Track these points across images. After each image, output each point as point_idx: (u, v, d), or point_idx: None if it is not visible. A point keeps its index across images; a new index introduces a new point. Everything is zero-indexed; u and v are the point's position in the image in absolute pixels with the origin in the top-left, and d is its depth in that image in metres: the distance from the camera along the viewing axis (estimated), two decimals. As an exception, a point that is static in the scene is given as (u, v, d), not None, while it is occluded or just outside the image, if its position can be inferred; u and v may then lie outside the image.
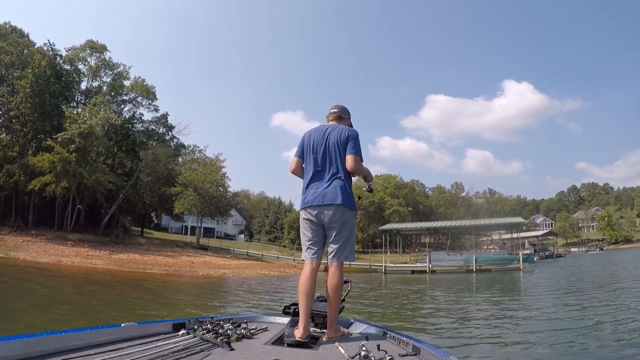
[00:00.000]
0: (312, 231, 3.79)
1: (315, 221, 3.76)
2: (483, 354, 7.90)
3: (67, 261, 30.10)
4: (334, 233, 3.69)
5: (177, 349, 2.65)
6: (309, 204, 3.76)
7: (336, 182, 3.74)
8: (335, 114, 4.14)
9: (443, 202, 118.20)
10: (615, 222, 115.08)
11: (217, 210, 54.36)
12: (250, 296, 19.55)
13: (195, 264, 37.70)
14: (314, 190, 3.77)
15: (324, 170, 3.82)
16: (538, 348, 8.25)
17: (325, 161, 3.83)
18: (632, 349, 7.54)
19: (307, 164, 3.95)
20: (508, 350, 8.13)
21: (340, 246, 3.67)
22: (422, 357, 2.77)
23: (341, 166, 3.78)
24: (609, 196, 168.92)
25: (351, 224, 3.78)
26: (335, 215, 3.67)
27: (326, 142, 3.86)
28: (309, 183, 3.86)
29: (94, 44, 50.36)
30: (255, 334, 3.35)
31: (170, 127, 54.72)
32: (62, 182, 39.09)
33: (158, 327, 3.24)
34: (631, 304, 13.38)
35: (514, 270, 39.11)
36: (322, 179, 3.79)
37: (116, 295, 16.96)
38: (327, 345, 3.19)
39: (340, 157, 3.79)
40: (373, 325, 3.91)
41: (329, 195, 3.69)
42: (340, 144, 3.81)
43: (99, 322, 8.62)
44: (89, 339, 2.65)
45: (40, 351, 2.35)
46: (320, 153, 3.85)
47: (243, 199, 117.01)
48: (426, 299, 19.27)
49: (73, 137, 39.74)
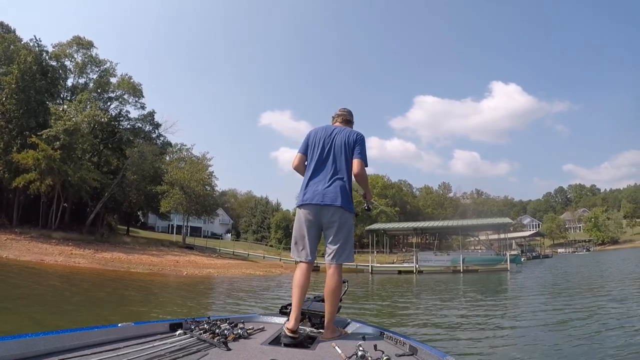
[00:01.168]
0: (308, 230, 3.71)
1: (312, 220, 3.69)
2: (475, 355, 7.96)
3: (50, 260, 29.76)
4: (333, 234, 3.65)
5: (174, 349, 2.63)
6: (307, 202, 3.70)
7: (338, 182, 3.69)
8: (343, 116, 4.14)
9: (430, 203, 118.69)
10: (602, 223, 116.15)
11: (203, 209, 54.16)
12: (234, 296, 19.42)
13: (180, 263, 37.46)
14: (314, 189, 3.71)
15: (326, 169, 3.76)
16: (529, 349, 8.31)
17: (328, 160, 3.78)
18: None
19: (309, 161, 3.89)
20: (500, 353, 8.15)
21: (339, 247, 3.62)
22: (419, 357, 2.76)
23: (345, 168, 3.74)
24: (596, 197, 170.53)
25: (350, 225, 3.74)
26: (334, 216, 3.64)
27: (333, 141, 3.83)
28: (309, 180, 3.79)
29: (80, 40, 49.70)
30: (253, 334, 3.31)
31: (157, 125, 54.44)
32: (47, 180, 38.67)
33: (155, 327, 3.22)
34: (620, 306, 13.44)
35: (501, 271, 39.14)
36: (324, 177, 3.73)
37: (91, 295, 16.71)
38: (324, 345, 3.16)
39: (346, 158, 3.76)
40: (370, 325, 3.90)
41: (329, 195, 3.64)
42: (347, 146, 3.78)
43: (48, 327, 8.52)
44: (86, 339, 2.63)
45: (37, 351, 2.33)
46: (325, 151, 3.81)
47: (230, 198, 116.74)
48: (412, 299, 19.18)
49: (58, 134, 39.32)
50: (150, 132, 54.63)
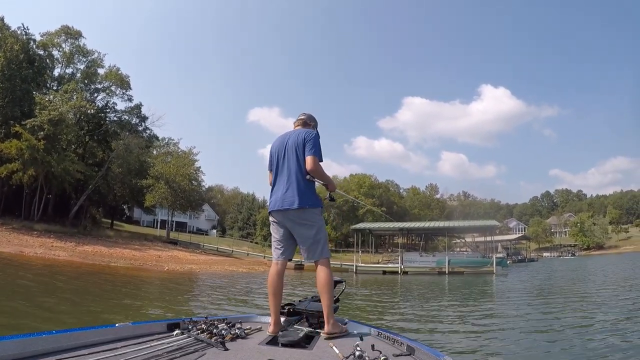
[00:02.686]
0: (278, 233, 3.91)
1: (279, 223, 3.88)
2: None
3: (30, 252, 29.23)
4: (300, 234, 3.80)
5: (172, 349, 2.64)
6: (271, 209, 3.90)
7: (293, 185, 3.79)
8: (301, 120, 4.22)
9: (417, 204, 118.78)
10: (588, 228, 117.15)
11: (188, 204, 53.78)
12: (213, 293, 19.10)
13: (162, 258, 37.08)
14: (275, 196, 3.87)
15: (282, 174, 3.89)
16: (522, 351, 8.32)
17: (284, 166, 3.89)
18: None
19: (273, 172, 4.03)
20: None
21: (310, 246, 3.75)
22: (416, 357, 2.77)
23: (297, 168, 3.82)
24: (582, 203, 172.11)
25: (316, 222, 3.83)
26: (296, 218, 3.77)
27: (285, 146, 3.94)
28: (272, 188, 3.98)
29: (69, 29, 49.12)
30: (250, 334, 3.35)
31: (144, 117, 54.09)
32: (30, 170, 38.16)
33: (152, 327, 3.25)
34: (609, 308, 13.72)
35: (487, 274, 39.08)
36: (281, 183, 3.87)
37: (54, 289, 15.94)
38: (322, 345, 3.17)
39: (298, 159, 3.84)
40: (367, 325, 3.91)
41: (287, 200, 3.76)
42: (298, 146, 3.87)
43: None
44: (83, 339, 2.65)
45: (34, 351, 2.34)
46: (281, 159, 3.93)
47: (217, 194, 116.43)
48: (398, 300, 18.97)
49: (42, 124, 38.83)
50: (137, 124, 54.19)
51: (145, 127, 55.06)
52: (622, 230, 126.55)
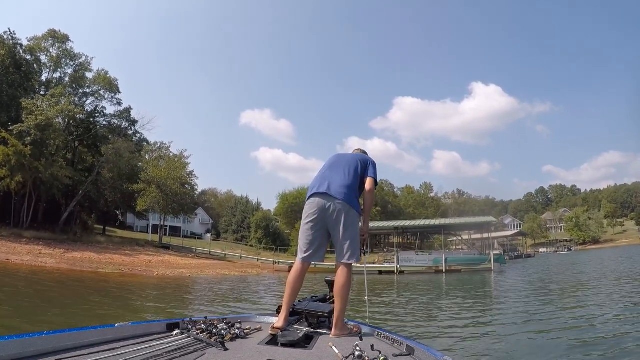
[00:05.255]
0: (312, 232, 3.73)
1: (319, 213, 3.68)
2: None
3: (17, 259, 28.82)
4: (342, 230, 3.64)
5: (171, 349, 2.61)
6: (318, 190, 3.71)
7: (347, 185, 3.71)
8: (360, 150, 4.35)
9: (412, 202, 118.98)
10: (583, 223, 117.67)
11: (180, 208, 53.37)
12: (201, 299, 18.65)
13: (153, 263, 36.63)
14: (326, 182, 3.74)
15: (338, 170, 3.82)
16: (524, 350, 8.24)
17: (343, 166, 3.86)
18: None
19: (325, 165, 4.00)
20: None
21: (349, 244, 3.63)
22: (416, 357, 2.74)
23: (355, 176, 3.80)
24: (577, 198, 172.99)
25: (356, 225, 3.73)
26: (339, 211, 3.63)
27: (349, 156, 4.06)
28: (320, 175, 3.87)
29: (56, 33, 48.43)
30: (250, 334, 3.29)
31: (134, 121, 53.28)
32: (17, 177, 37.63)
33: (152, 327, 3.20)
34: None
35: (485, 271, 38.89)
36: (338, 174, 3.79)
37: (29, 297, 15.30)
38: (321, 345, 3.13)
39: (357, 170, 3.84)
40: (367, 325, 3.89)
41: (340, 191, 3.67)
42: (361, 162, 3.92)
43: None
44: (83, 339, 2.61)
45: (34, 351, 2.30)
46: (339, 161, 3.94)
47: (210, 198, 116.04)
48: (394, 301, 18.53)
49: (29, 129, 38.28)
50: (127, 128, 53.46)
51: (135, 130, 54.41)
52: (617, 224, 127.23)
